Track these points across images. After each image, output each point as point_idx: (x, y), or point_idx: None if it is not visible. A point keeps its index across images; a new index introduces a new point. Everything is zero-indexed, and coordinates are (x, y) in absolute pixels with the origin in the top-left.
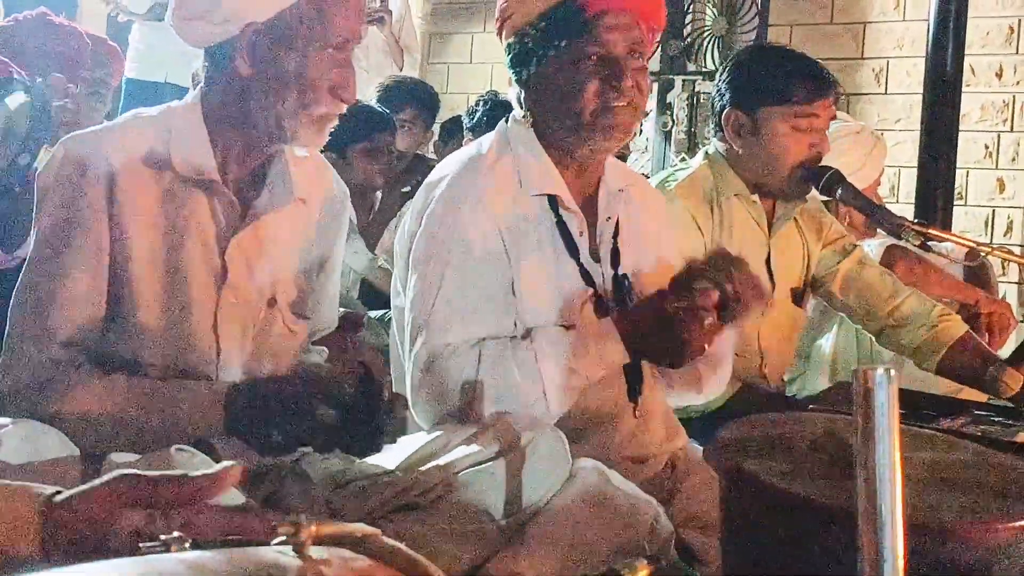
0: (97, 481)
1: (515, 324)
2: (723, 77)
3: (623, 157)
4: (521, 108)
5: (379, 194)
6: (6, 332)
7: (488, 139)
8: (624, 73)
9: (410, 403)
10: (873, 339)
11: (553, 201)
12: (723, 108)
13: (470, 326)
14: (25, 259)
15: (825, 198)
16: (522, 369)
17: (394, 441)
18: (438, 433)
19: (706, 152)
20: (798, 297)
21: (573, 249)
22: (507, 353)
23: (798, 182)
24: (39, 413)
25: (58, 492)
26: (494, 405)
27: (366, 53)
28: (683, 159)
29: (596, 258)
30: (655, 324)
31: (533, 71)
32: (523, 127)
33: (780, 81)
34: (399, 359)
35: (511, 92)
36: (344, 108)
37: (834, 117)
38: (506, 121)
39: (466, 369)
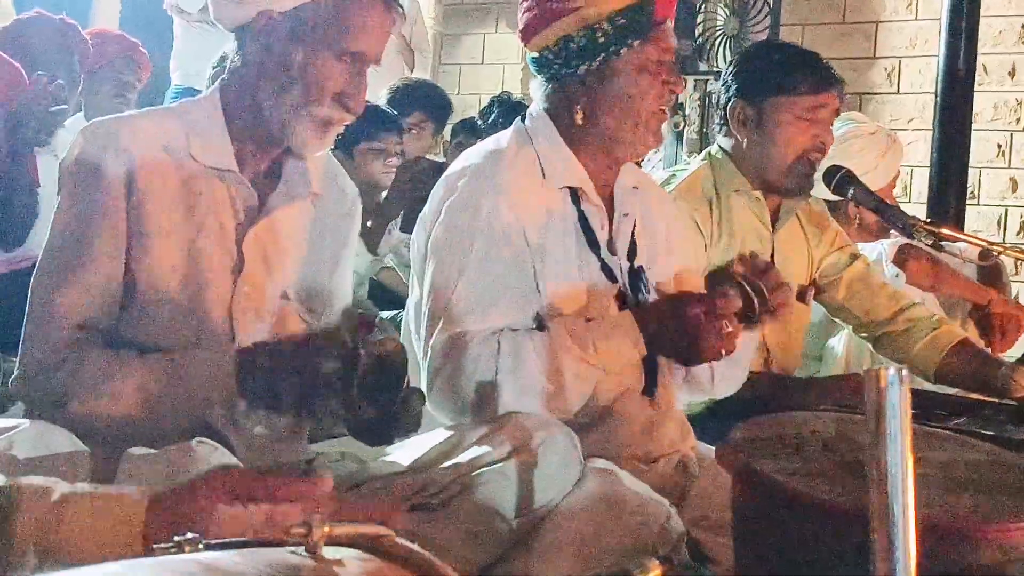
0: (195, 476)
1: (535, 316)
2: (730, 71)
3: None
4: (547, 103)
5: (383, 195)
6: (26, 314)
7: (505, 135)
8: (679, 75)
9: (425, 394)
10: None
11: (574, 194)
12: (729, 100)
13: (489, 316)
14: (23, 260)
15: (833, 198)
16: (541, 360)
17: (407, 437)
18: (451, 433)
19: (708, 152)
20: (801, 296)
21: (594, 243)
22: (526, 343)
23: (800, 175)
24: (56, 393)
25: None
26: (512, 398)
27: None
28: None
29: (612, 251)
30: (675, 324)
31: (594, 66)
32: (545, 122)
33: (786, 73)
34: (412, 357)
35: (535, 86)
36: (351, 118)
37: (838, 112)
38: (522, 120)
39: (483, 359)
